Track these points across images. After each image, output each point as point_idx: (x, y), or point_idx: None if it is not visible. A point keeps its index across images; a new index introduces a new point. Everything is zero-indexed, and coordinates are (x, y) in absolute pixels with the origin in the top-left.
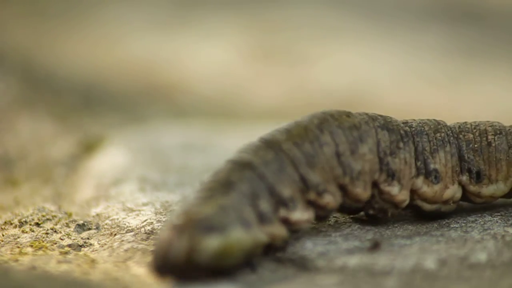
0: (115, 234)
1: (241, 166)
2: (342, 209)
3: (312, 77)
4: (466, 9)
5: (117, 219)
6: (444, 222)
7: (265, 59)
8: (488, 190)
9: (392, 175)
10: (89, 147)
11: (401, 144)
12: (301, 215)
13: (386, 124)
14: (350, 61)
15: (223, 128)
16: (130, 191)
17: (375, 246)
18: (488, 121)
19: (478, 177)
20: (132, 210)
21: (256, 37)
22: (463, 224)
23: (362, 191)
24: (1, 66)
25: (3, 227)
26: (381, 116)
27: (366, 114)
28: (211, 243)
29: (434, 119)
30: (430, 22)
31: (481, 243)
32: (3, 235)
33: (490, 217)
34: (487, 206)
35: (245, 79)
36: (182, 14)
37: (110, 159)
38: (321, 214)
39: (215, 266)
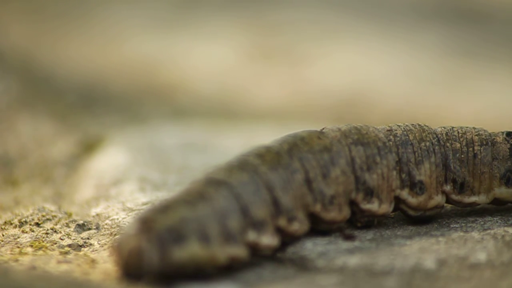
0: (115, 234)
1: (217, 183)
2: (321, 231)
3: (312, 77)
4: (466, 9)
5: (117, 219)
6: (444, 222)
7: (265, 59)
8: (469, 199)
9: (370, 193)
10: (89, 147)
11: (377, 159)
12: (271, 240)
13: (361, 139)
14: (350, 61)
15: (223, 128)
16: (130, 191)
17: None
18: (474, 128)
19: (461, 187)
20: (132, 210)
21: (256, 38)
22: (463, 224)
23: (337, 214)
24: (1, 66)
25: (3, 227)
26: (356, 128)
27: (339, 129)
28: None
29: (419, 125)
30: (430, 22)
31: (481, 243)
32: (3, 235)
33: (490, 217)
34: (487, 206)
35: (245, 79)
36: (183, 15)
37: (110, 159)
38: (287, 241)
39: (164, 273)
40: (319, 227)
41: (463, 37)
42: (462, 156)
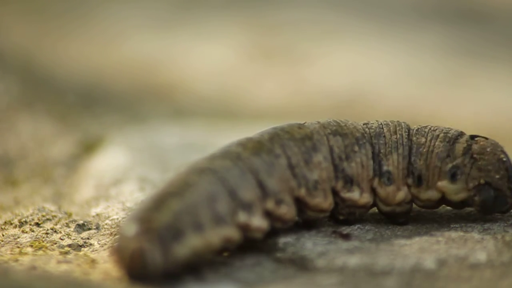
0: (115, 234)
1: (200, 170)
2: (307, 223)
3: (312, 77)
4: (467, 9)
5: (117, 219)
6: (444, 222)
7: (265, 59)
8: (425, 195)
9: (350, 181)
10: (89, 147)
11: (356, 148)
12: (261, 222)
13: (339, 130)
14: (350, 61)
15: (223, 128)
16: (130, 191)
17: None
18: (449, 128)
19: (419, 180)
20: (132, 210)
21: (256, 37)
22: (463, 224)
23: (322, 200)
24: (1, 66)
25: (3, 227)
26: (335, 121)
27: (318, 122)
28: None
29: (397, 121)
30: (431, 22)
31: (481, 243)
32: (3, 235)
33: (490, 217)
34: None
35: (245, 79)
36: (182, 14)
37: (110, 159)
38: (278, 226)
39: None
40: (306, 215)
41: (464, 37)
42: (424, 150)
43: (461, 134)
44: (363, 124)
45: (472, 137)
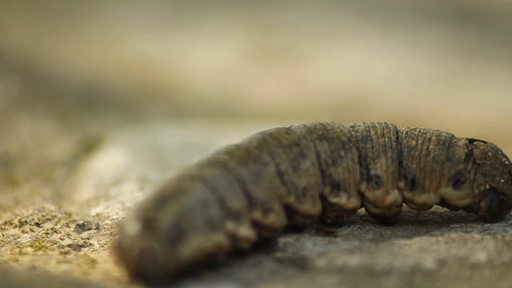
0: (115, 234)
1: (191, 177)
2: (296, 227)
3: (312, 77)
4: (467, 9)
5: (117, 219)
6: (444, 222)
7: (265, 59)
8: (420, 198)
9: (337, 186)
10: (89, 147)
11: (342, 153)
12: (248, 232)
13: (326, 134)
14: (350, 61)
15: (223, 128)
16: (130, 191)
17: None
18: (438, 130)
19: (412, 184)
20: (131, 210)
21: (256, 38)
22: (463, 224)
23: (311, 207)
24: (1, 66)
25: (3, 227)
26: (322, 125)
27: (305, 126)
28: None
29: (385, 123)
30: (431, 22)
31: (481, 243)
32: (3, 235)
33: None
34: None
35: (245, 79)
36: (182, 14)
37: (110, 159)
38: (266, 235)
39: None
40: (295, 221)
41: (464, 36)
42: (416, 153)
43: (453, 137)
44: (350, 127)
45: (471, 141)
